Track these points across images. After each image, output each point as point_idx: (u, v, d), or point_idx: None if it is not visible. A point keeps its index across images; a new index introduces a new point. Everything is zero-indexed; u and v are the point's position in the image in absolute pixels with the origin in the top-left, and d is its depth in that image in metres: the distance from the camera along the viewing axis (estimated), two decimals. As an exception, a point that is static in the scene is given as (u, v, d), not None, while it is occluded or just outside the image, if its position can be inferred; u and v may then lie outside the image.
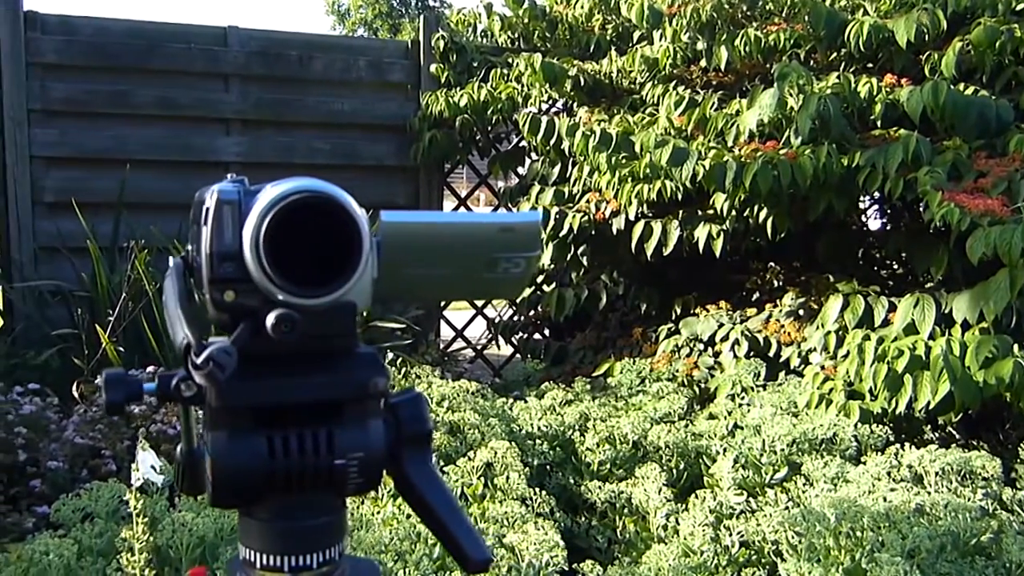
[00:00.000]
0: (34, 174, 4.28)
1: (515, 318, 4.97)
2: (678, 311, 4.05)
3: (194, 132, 4.59)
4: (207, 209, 0.63)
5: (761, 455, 2.71)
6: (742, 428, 2.94)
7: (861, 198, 3.78)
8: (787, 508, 2.30)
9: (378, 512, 2.37)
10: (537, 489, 2.53)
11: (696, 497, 2.44)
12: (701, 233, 3.62)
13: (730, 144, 3.41)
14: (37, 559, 1.92)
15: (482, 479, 2.54)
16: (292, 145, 4.77)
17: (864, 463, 2.60)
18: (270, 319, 0.59)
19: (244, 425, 0.63)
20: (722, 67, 3.88)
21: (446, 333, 5.23)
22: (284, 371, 0.63)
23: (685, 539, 2.26)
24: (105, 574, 1.92)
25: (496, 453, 2.60)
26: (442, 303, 5.15)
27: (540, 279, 4.87)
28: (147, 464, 1.76)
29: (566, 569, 2.01)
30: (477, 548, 0.68)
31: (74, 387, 3.41)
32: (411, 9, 25.49)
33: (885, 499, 2.26)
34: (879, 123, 3.32)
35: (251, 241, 0.59)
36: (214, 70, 4.61)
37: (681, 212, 3.76)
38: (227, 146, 4.65)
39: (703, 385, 3.59)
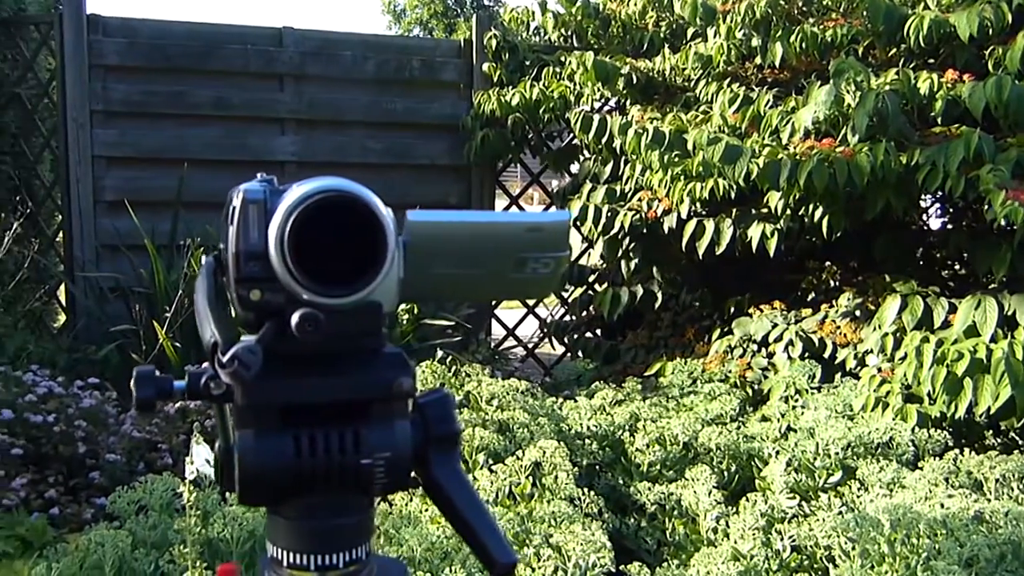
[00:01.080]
0: (95, 173, 4.37)
1: (567, 317, 4.95)
2: (731, 311, 4.00)
3: (249, 131, 4.66)
4: (234, 208, 0.63)
5: (815, 459, 2.66)
6: (795, 431, 2.89)
7: (921, 197, 3.69)
8: (840, 513, 2.25)
9: (426, 509, 2.38)
10: (586, 489, 2.52)
11: (747, 500, 2.40)
12: (755, 232, 3.57)
13: (785, 142, 3.35)
14: (92, 550, 1.96)
15: (530, 478, 2.53)
16: (346, 144, 4.81)
17: (921, 468, 2.54)
18: (294, 318, 0.59)
19: (271, 424, 0.63)
20: (777, 64, 3.82)
21: (498, 332, 5.23)
22: (310, 370, 0.63)
23: (735, 543, 2.23)
24: (158, 566, 1.96)
25: (545, 452, 2.59)
26: (493, 302, 5.17)
27: (592, 278, 4.85)
28: (201, 458, 1.79)
29: (613, 571, 1.99)
30: (503, 551, 0.68)
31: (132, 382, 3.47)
32: (466, 8, 25.56)
33: (942, 505, 2.20)
34: (939, 120, 3.24)
35: (276, 240, 0.59)
36: (269, 70, 4.67)
37: (734, 211, 3.71)
38: (282, 145, 4.71)
39: (756, 386, 3.54)
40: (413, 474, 0.67)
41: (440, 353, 3.64)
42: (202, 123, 4.57)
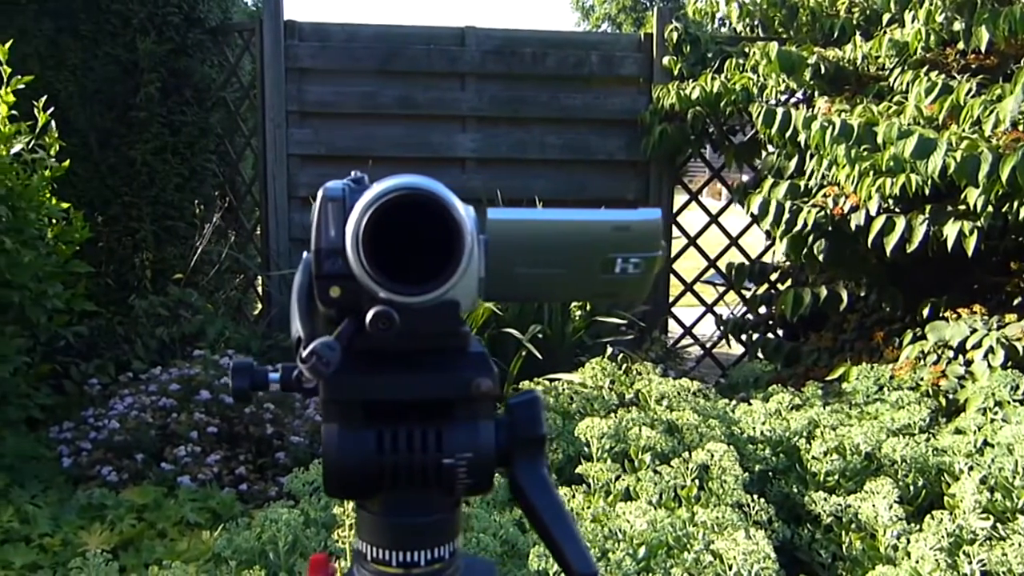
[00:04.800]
0: (290, 171, 4.63)
1: (747, 316, 4.79)
2: (925, 314, 3.74)
3: (432, 129, 4.77)
4: (316, 206, 0.64)
5: (1013, 477, 2.45)
6: (992, 446, 2.67)
7: None
8: (1039, 538, 2.06)
9: (588, 507, 2.36)
10: (756, 496, 2.43)
11: (932, 518, 2.24)
12: (950, 230, 3.32)
13: (988, 134, 3.10)
14: (268, 526, 2.07)
15: (696, 481, 2.47)
16: (525, 141, 4.85)
17: None
18: (368, 316, 0.59)
19: (355, 419, 0.63)
20: (982, 49, 3.53)
21: (676, 330, 5.14)
22: (390, 367, 0.63)
23: (916, 563, 2.08)
24: (326, 544, 2.04)
25: (713, 455, 2.52)
26: (671, 299, 5.08)
27: (774, 276, 4.67)
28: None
29: (779, 583, 1.91)
30: (582, 560, 0.66)
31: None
32: (655, 2, 25.28)
33: None
34: None
35: (352, 237, 0.59)
36: (452, 70, 4.76)
37: (928, 207, 3.46)
38: (463, 142, 4.80)
39: (950, 396, 3.29)
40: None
41: (610, 350, 3.60)
42: (388, 122, 4.74)
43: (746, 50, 4.43)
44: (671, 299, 5.10)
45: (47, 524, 2.62)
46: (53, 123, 3.29)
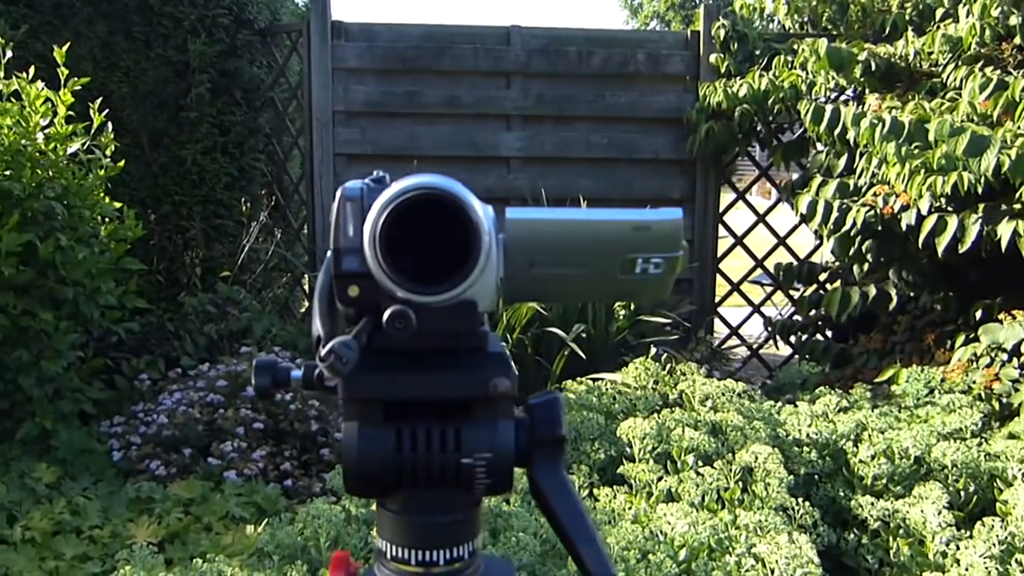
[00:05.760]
0: (336, 170, 4.67)
1: (795, 317, 4.73)
2: (978, 316, 3.66)
3: (478, 128, 4.78)
4: (335, 205, 0.64)
5: (1068, 483, 2.38)
6: (1047, 451, 2.60)
7: None
8: (1095, 547, 2.00)
9: (629, 507, 2.35)
10: (801, 499, 2.40)
11: (983, 525, 2.19)
12: (1004, 230, 3.23)
13: (1045, 130, 3.01)
14: (310, 522, 2.09)
15: (740, 484, 2.44)
16: (570, 139, 4.82)
17: None
18: (385, 315, 0.59)
19: (374, 418, 0.63)
20: (1040, 44, 3.44)
21: (722, 330, 5.09)
22: (408, 367, 0.63)
23: (965, 570, 2.04)
24: (367, 541, 2.06)
25: (757, 457, 2.49)
26: (717, 299, 5.03)
27: (823, 276, 4.61)
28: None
29: (822, 588, 1.88)
30: (600, 564, 0.66)
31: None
32: None
33: None
34: None
35: (369, 237, 0.60)
36: (497, 69, 4.77)
37: (981, 206, 3.38)
38: (508, 141, 4.80)
39: (1003, 400, 3.22)
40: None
41: (654, 350, 3.58)
42: (434, 121, 4.76)
43: (795, 47, 4.36)
44: (717, 299, 5.05)
45: (97, 516, 2.68)
46: (108, 124, 3.36)
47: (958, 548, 2.17)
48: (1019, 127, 3.10)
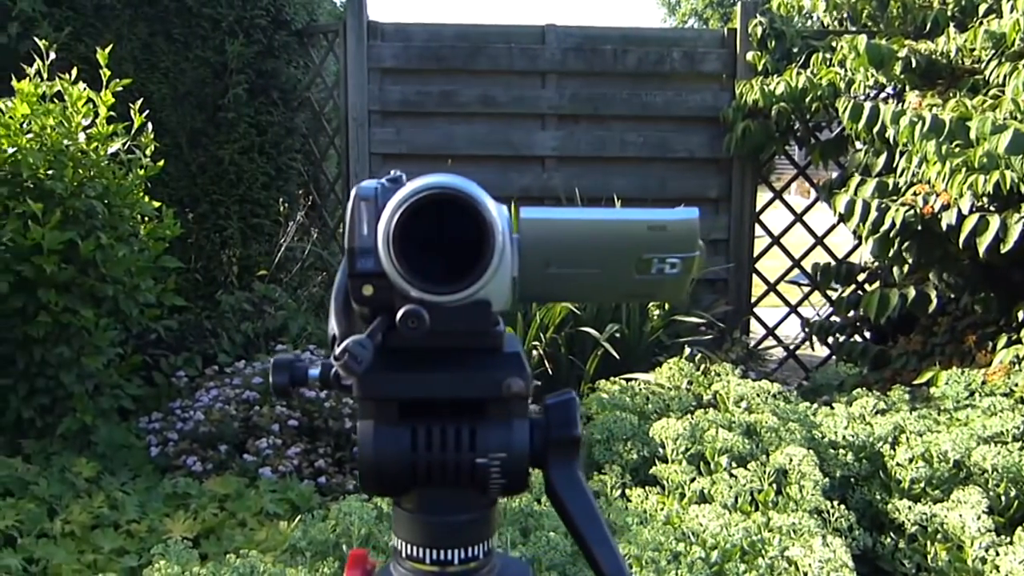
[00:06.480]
0: (372, 169, 4.70)
1: (833, 317, 4.67)
2: (1020, 318, 3.59)
3: (513, 127, 4.79)
4: (349, 205, 0.64)
5: (1112, 489, 2.33)
6: (1091, 456, 2.54)
7: None
8: None
9: (662, 508, 2.34)
10: (836, 503, 2.37)
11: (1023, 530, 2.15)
12: (1049, 230, 3.17)
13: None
14: (342, 519, 2.10)
15: (774, 486, 2.42)
16: (605, 139, 4.83)
17: None
18: (398, 315, 0.59)
19: (389, 416, 0.64)
20: (1086, 39, 3.37)
21: (759, 331, 5.04)
22: (422, 366, 0.64)
23: (1005, 576, 2.00)
24: (398, 541, 2.06)
25: (792, 459, 2.47)
26: (754, 299, 4.99)
27: (862, 276, 4.54)
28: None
29: (856, 592, 1.85)
30: (614, 563, 0.66)
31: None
32: (741, -3, 24.82)
33: None
34: None
35: (383, 236, 0.60)
36: (532, 68, 4.78)
37: (1024, 206, 3.32)
38: (543, 140, 4.80)
39: (1047, 403, 3.15)
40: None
41: (688, 351, 3.56)
42: (469, 120, 4.77)
43: (833, 44, 4.31)
44: (754, 299, 5.01)
45: (135, 511, 2.71)
46: (148, 124, 3.40)
47: (997, 554, 2.13)
48: (1064, 125, 3.04)
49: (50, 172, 3.09)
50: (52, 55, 3.19)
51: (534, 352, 3.66)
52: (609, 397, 3.11)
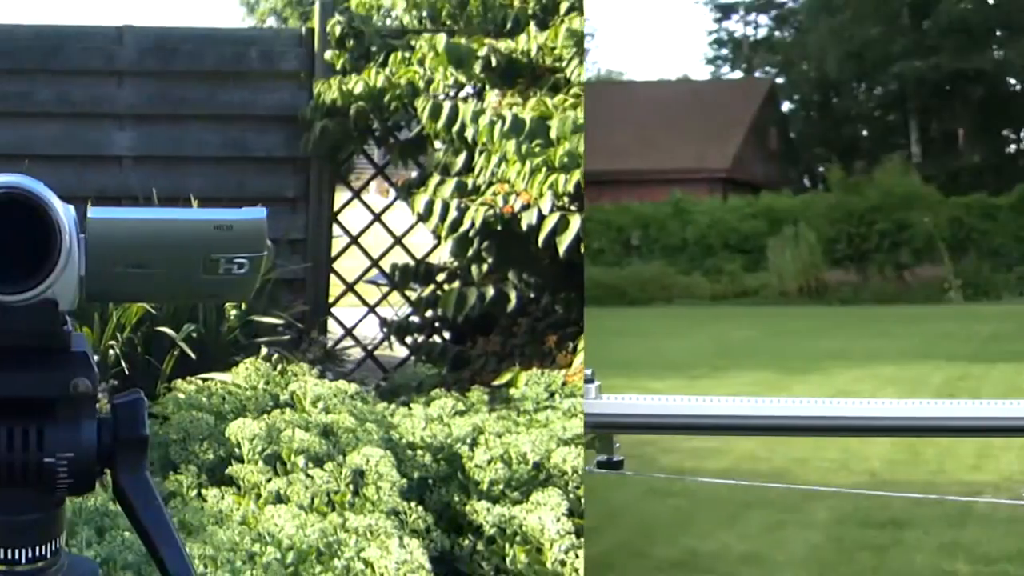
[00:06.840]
0: None
1: (412, 318, 4.63)
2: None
3: (90, 128, 4.70)
4: None
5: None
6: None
7: None
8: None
9: (238, 508, 2.28)
10: (414, 504, 2.33)
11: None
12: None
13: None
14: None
15: (350, 487, 2.34)
16: (183, 138, 4.74)
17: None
18: None
19: None
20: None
21: (337, 331, 4.91)
22: None
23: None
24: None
25: (369, 460, 2.40)
26: (332, 299, 4.90)
27: (441, 277, 4.54)
28: None
29: (434, 593, 1.76)
30: (181, 566, 0.68)
31: None
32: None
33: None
34: None
35: None
36: (110, 68, 4.70)
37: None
38: (121, 140, 4.68)
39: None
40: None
41: (265, 351, 3.49)
42: (46, 121, 4.63)
43: (413, 43, 4.28)
44: (332, 299, 4.95)
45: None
46: None
47: (577, 556, 2.17)
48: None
49: None
50: None
51: (111, 352, 3.58)
52: (186, 397, 3.07)
